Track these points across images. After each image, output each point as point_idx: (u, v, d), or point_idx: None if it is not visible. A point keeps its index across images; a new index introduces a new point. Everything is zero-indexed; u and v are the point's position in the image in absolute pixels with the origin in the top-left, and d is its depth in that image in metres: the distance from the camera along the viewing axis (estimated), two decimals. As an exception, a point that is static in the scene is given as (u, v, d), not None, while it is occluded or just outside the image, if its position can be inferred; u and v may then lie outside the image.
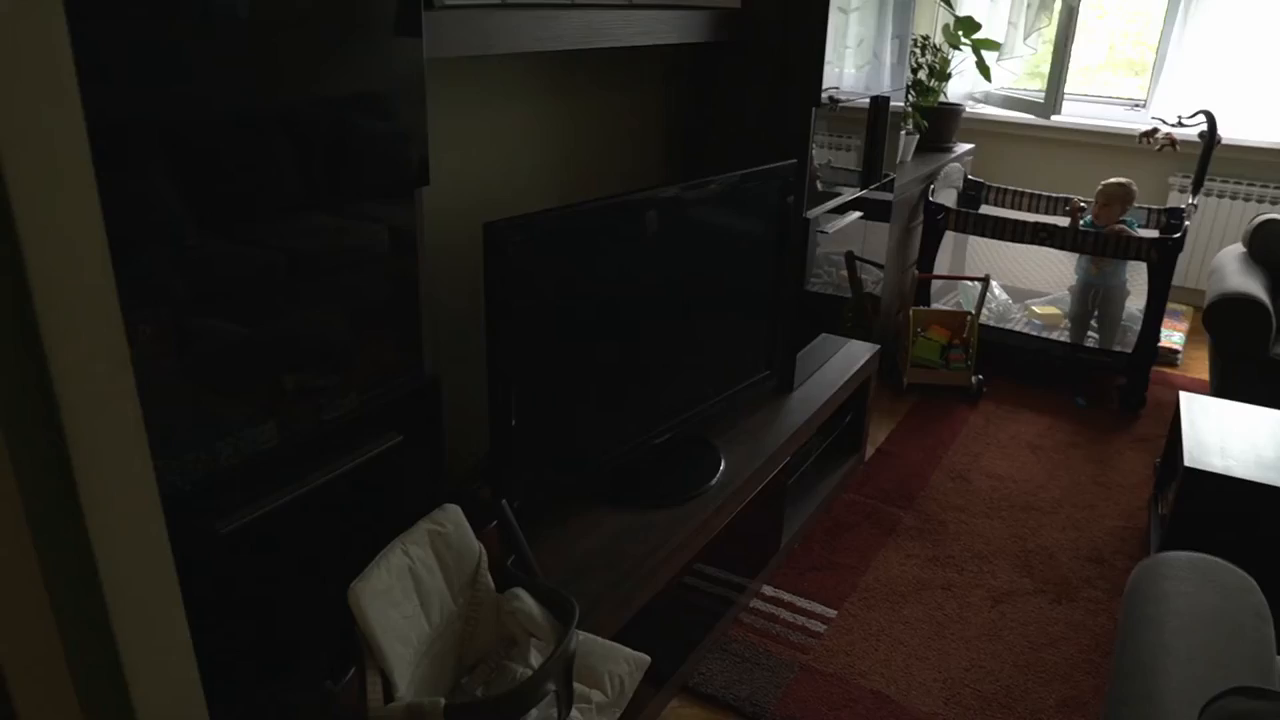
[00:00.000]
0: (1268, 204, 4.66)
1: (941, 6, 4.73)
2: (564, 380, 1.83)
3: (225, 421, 1.21)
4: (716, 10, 2.29)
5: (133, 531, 0.85)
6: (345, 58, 1.23)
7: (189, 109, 1.06)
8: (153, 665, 0.88)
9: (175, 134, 1.05)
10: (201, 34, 1.05)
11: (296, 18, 1.15)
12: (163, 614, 0.89)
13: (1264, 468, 2.40)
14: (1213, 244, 4.78)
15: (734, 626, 2.38)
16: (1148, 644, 1.48)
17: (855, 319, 3.18)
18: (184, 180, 1.07)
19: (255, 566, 1.25)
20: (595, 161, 2.37)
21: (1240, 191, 4.73)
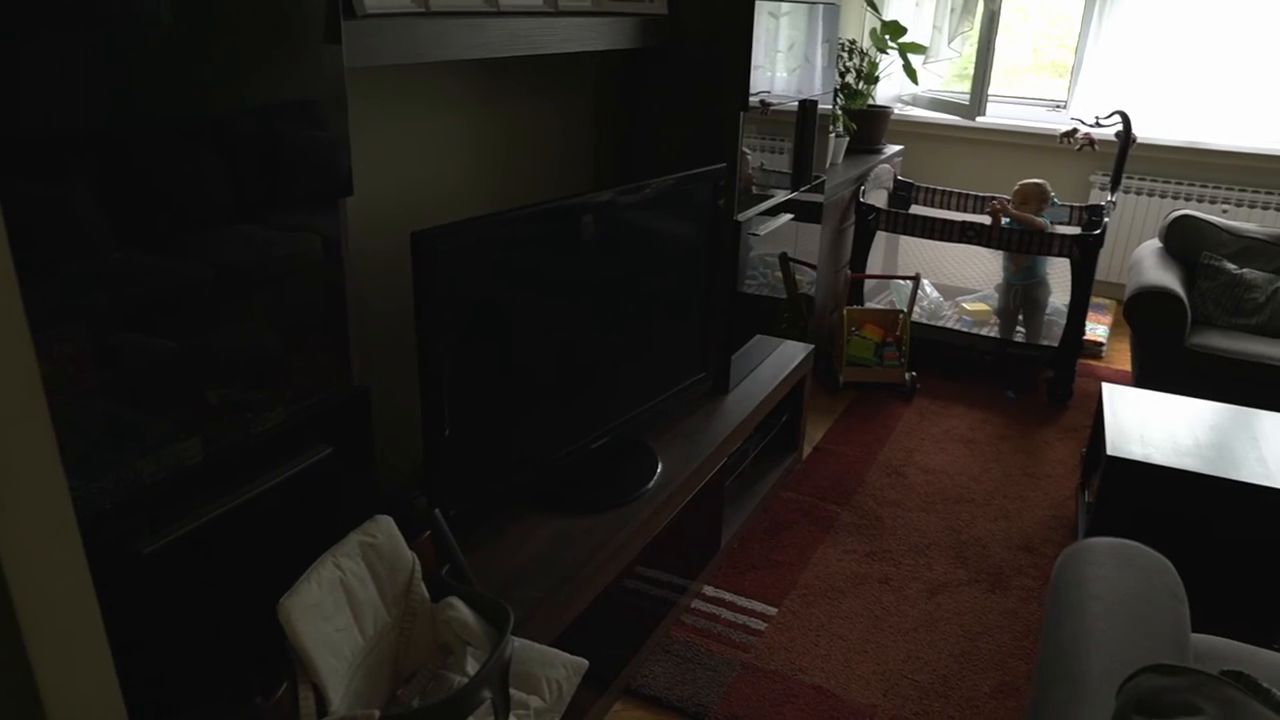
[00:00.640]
0: (1182, 200, 4.82)
1: (868, 11, 4.82)
2: (498, 387, 1.83)
3: (148, 438, 1.19)
4: (643, 17, 2.31)
5: (47, 556, 0.83)
6: (264, 66, 1.22)
7: (104, 117, 1.04)
8: (72, 693, 0.86)
9: (91, 143, 1.03)
10: (117, 41, 1.03)
11: (216, 25, 1.14)
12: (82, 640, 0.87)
13: (1181, 454, 2.49)
14: (1132, 239, 4.93)
15: (675, 627, 2.39)
16: (1071, 628, 1.53)
17: (791, 320, 3.22)
18: (102, 191, 1.06)
19: (181, 585, 1.23)
20: (526, 169, 2.37)
21: (1156, 189, 4.89)
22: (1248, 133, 4.73)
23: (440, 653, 1.37)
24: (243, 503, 1.27)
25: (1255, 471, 2.42)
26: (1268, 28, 4.58)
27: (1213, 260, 3.77)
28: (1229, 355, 3.38)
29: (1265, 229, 3.87)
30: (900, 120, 5.25)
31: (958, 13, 4.77)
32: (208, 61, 1.15)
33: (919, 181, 4.68)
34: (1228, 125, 4.76)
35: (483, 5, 1.86)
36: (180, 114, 1.13)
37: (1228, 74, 4.70)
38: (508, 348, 1.83)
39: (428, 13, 1.71)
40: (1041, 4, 5.28)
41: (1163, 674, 1.14)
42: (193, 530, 1.21)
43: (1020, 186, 3.99)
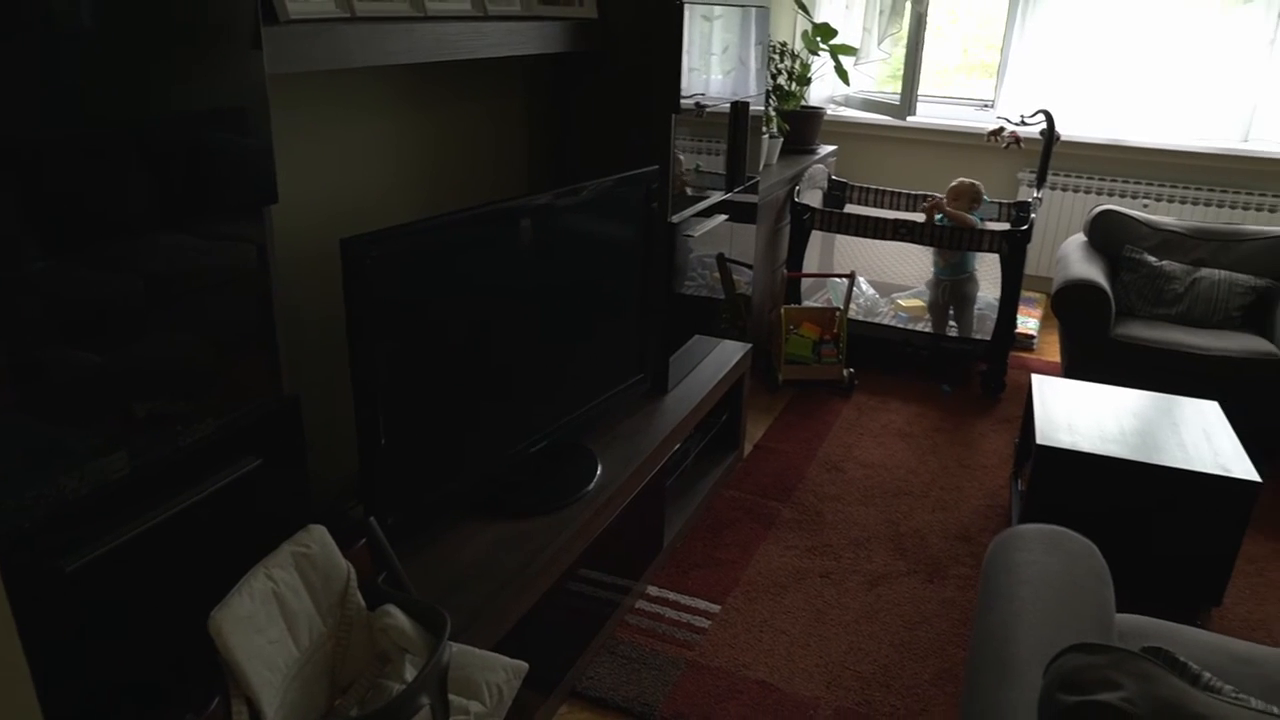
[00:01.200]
0: (1105, 196, 4.97)
1: (799, 14, 4.88)
2: (434, 393, 1.82)
3: (71, 454, 1.16)
4: (572, 21, 2.32)
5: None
6: (185, 73, 1.20)
7: (22, 124, 1.02)
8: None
9: (9, 151, 1.01)
10: (35, 47, 1.01)
11: (135, 31, 1.12)
12: (0, 659, 0.85)
13: (1107, 441, 2.57)
14: (1059, 234, 5.07)
15: (620, 628, 2.40)
16: (1000, 613, 1.57)
17: (730, 320, 3.25)
18: (21, 201, 1.03)
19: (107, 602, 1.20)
20: (457, 174, 2.36)
21: (1081, 185, 5.03)
22: (1166, 130, 4.89)
23: (378, 661, 1.37)
24: (170, 516, 1.25)
25: (1176, 456, 2.50)
26: (1183, 28, 4.73)
27: (1134, 253, 3.89)
28: (1151, 344, 3.49)
29: (1183, 222, 4.00)
30: (833, 121, 5.32)
31: (886, 15, 4.86)
32: (127, 68, 1.13)
33: (853, 181, 4.76)
34: (1147, 123, 4.92)
35: (409, 10, 1.85)
36: (99, 121, 1.11)
37: (1146, 74, 4.86)
38: (443, 353, 1.82)
39: (352, 18, 1.70)
40: (970, 6, 5.40)
41: (1084, 653, 1.18)
42: (119, 546, 1.19)
43: (954, 185, 4.08)
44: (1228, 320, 3.69)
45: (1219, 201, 4.80)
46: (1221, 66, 4.71)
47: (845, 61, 4.58)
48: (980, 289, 4.20)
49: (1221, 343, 3.48)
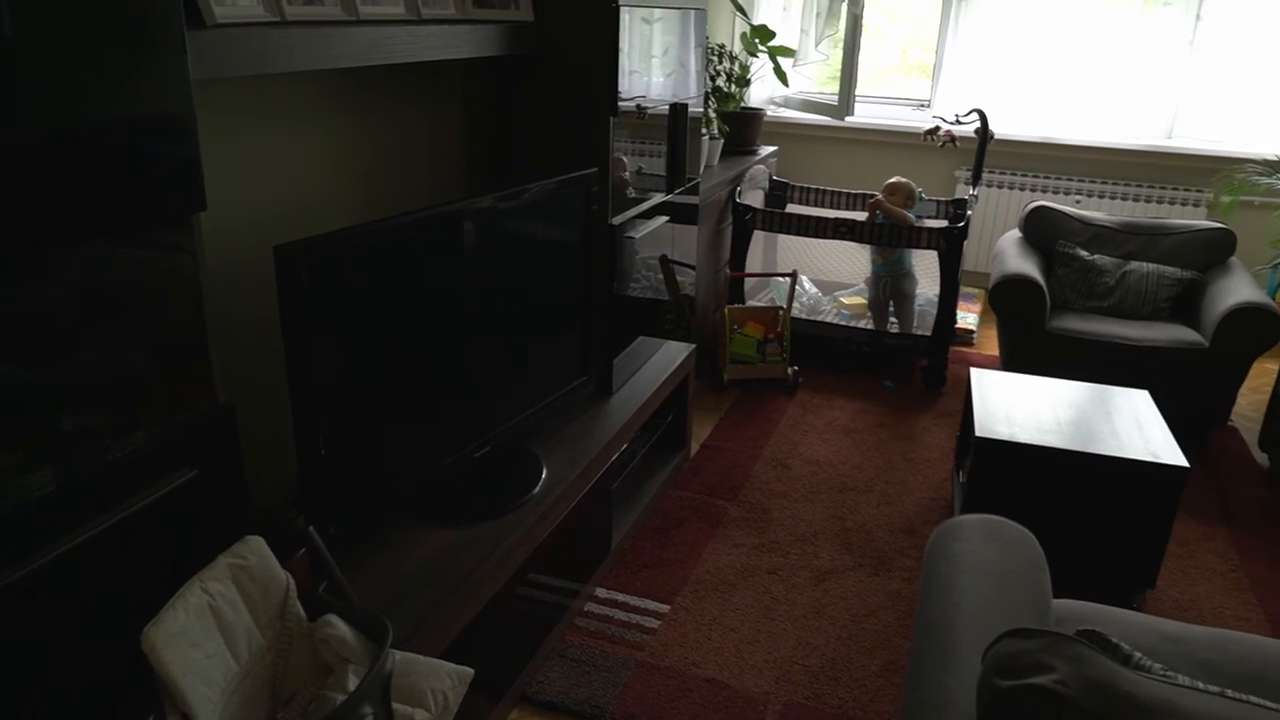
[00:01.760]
0: (1039, 192, 5.08)
1: (737, 16, 4.92)
2: (375, 401, 1.81)
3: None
4: (509, 24, 2.31)
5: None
6: (108, 78, 1.18)
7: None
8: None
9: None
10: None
11: (56, 35, 1.10)
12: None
13: (1043, 431, 2.62)
14: (996, 230, 5.17)
15: (570, 631, 2.40)
16: (940, 602, 1.60)
17: (675, 320, 3.27)
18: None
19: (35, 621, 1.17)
20: (395, 179, 2.34)
21: (1016, 182, 5.14)
22: (1095, 128, 5.02)
23: (321, 673, 1.35)
24: (101, 532, 1.22)
25: (1109, 444, 2.57)
26: (1108, 29, 4.86)
27: (1067, 248, 3.99)
28: (1085, 336, 3.58)
29: (1113, 217, 4.11)
30: (774, 121, 5.37)
31: (823, 16, 4.92)
32: (46, 74, 1.10)
33: (794, 181, 4.81)
34: (1077, 121, 5.04)
35: (341, 14, 1.84)
36: (16, 129, 1.08)
37: (1075, 74, 4.98)
38: (382, 360, 1.80)
39: (283, 22, 1.68)
40: (907, 8, 5.48)
41: (1019, 638, 1.21)
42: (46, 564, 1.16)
43: (889, 183, 4.15)
44: (1156, 311, 3.79)
45: (1146, 197, 4.94)
46: (1145, 66, 4.85)
47: (784, 63, 4.62)
48: (919, 284, 4.26)
49: (1151, 333, 3.58)
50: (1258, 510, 3.16)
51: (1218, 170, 4.71)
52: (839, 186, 4.65)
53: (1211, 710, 1.09)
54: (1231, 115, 4.82)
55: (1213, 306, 3.57)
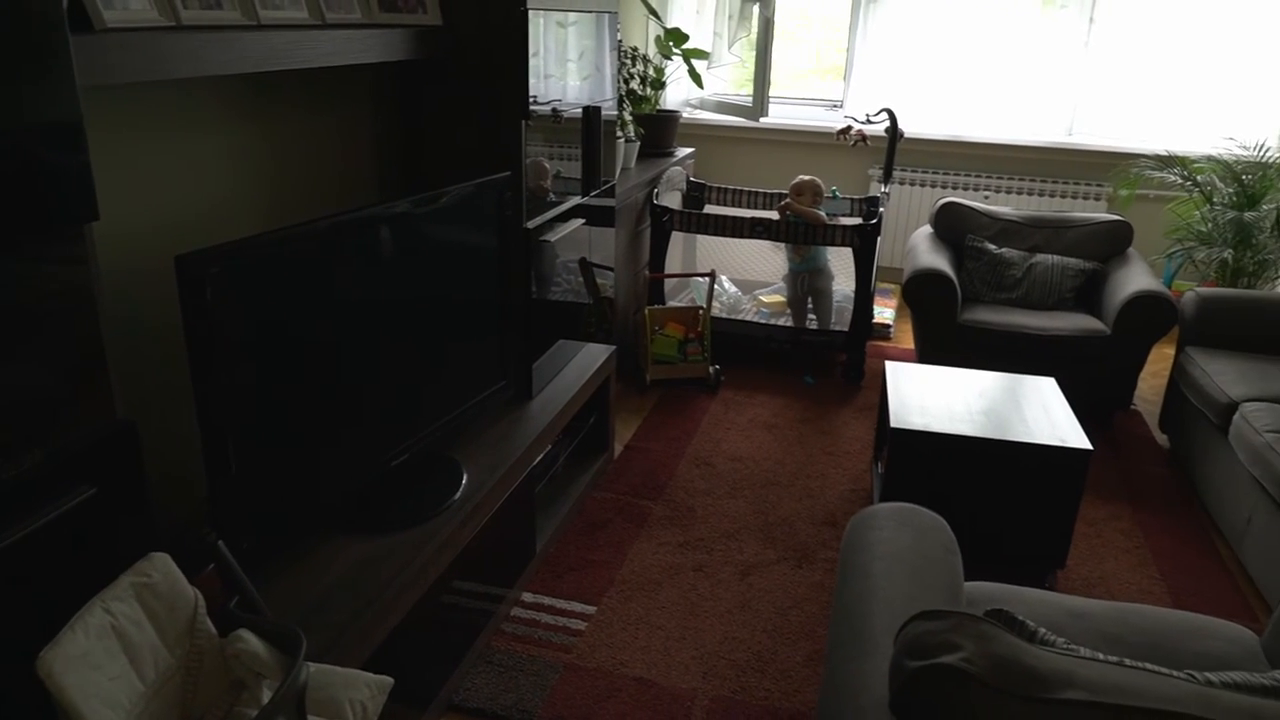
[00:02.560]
0: (949, 189, 5.22)
1: (651, 19, 4.95)
2: (287, 412, 1.77)
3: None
4: (416, 29, 2.29)
5: None
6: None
7: None
8: None
9: None
10: None
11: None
12: None
13: (956, 420, 2.70)
14: (909, 226, 5.29)
15: (496, 637, 2.39)
16: (856, 589, 1.63)
17: (598, 323, 3.27)
18: None
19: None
20: (304, 187, 2.30)
21: (927, 179, 5.27)
22: (1000, 126, 5.18)
23: (235, 690, 1.32)
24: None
25: (1018, 430, 2.65)
26: (1008, 30, 5.02)
27: (976, 242, 4.10)
28: (995, 327, 3.68)
29: (1019, 212, 4.25)
30: (690, 123, 5.42)
31: (735, 19, 4.98)
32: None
33: (711, 182, 4.86)
34: (983, 120, 5.19)
35: (240, 19, 1.80)
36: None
37: (979, 73, 5.13)
38: (295, 370, 1.77)
39: (178, 27, 1.64)
40: (821, 11, 5.58)
41: (928, 619, 1.24)
42: (-65, 590, 1.11)
43: (796, 183, 4.20)
44: (1062, 301, 3.93)
45: (1049, 191, 5.11)
46: (1045, 66, 5.02)
47: (698, 65, 4.67)
48: (835, 280, 4.34)
49: (1057, 323, 3.70)
50: (1159, 488, 3.29)
51: (1114, 165, 4.90)
52: (756, 186, 4.71)
53: (1108, 678, 1.13)
54: (1125, 113, 5.02)
55: (1113, 295, 3.71)
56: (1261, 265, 4.33)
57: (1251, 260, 4.32)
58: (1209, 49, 4.81)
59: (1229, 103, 4.83)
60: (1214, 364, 3.22)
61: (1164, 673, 1.20)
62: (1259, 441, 2.71)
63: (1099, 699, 1.09)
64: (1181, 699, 1.09)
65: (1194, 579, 2.76)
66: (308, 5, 2.00)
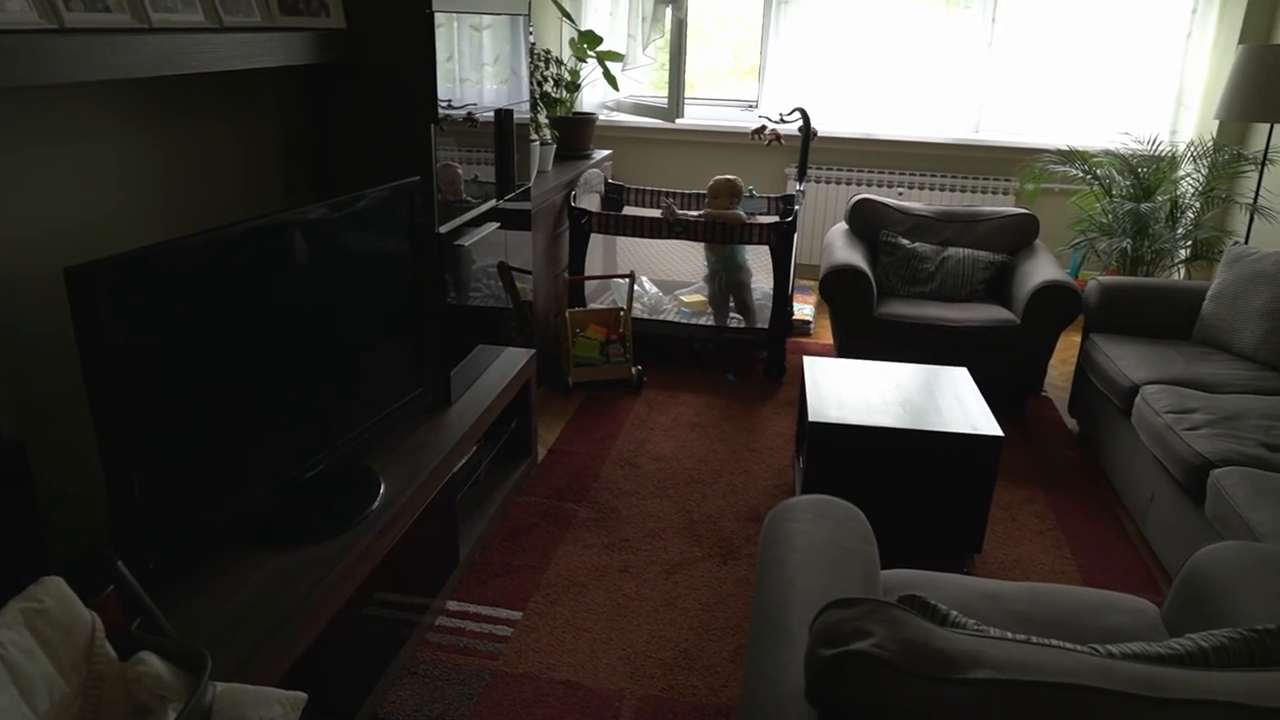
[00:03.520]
0: (863, 186, 5.32)
1: (564, 22, 4.95)
2: (193, 427, 1.72)
3: None
4: (318, 32, 2.25)
5: None
6: None
7: None
8: None
9: None
10: None
11: None
12: None
13: (872, 412, 2.75)
14: (826, 223, 5.37)
15: (421, 647, 2.35)
16: (774, 582, 1.65)
17: (519, 327, 3.25)
18: None
19: None
20: (205, 193, 2.24)
21: (843, 177, 5.36)
22: (911, 124, 5.29)
23: (138, 714, 1.28)
24: None
25: (932, 420, 2.71)
26: (915, 30, 5.13)
27: (890, 237, 4.19)
28: (909, 320, 3.76)
29: (930, 207, 4.34)
30: (607, 125, 5.43)
31: (649, 21, 5.00)
32: None
33: (630, 183, 4.87)
34: (894, 118, 5.30)
35: (130, 21, 1.75)
36: None
37: (889, 73, 5.23)
38: (199, 384, 1.72)
39: (62, 29, 1.59)
40: (737, 13, 5.63)
41: (840, 607, 1.26)
42: None
43: (713, 184, 4.22)
44: (973, 293, 4.03)
45: (959, 187, 5.24)
46: (951, 65, 5.15)
47: (613, 67, 4.68)
48: (753, 277, 4.37)
49: (969, 314, 3.80)
50: (1070, 471, 3.39)
51: (1020, 160, 5.05)
52: (674, 187, 4.74)
53: (1014, 656, 1.16)
54: (1028, 110, 5.18)
55: (1022, 286, 3.82)
56: (1158, 254, 4.51)
57: (1149, 249, 4.49)
58: (1104, 48, 4.99)
59: (1124, 99, 5.02)
60: (1116, 349, 3.34)
61: (1068, 648, 1.24)
62: (1159, 422, 2.81)
63: (1004, 676, 1.12)
64: (1082, 672, 1.12)
65: (1103, 556, 2.86)
66: (203, 8, 1.95)
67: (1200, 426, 2.71)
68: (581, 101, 5.19)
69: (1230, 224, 4.82)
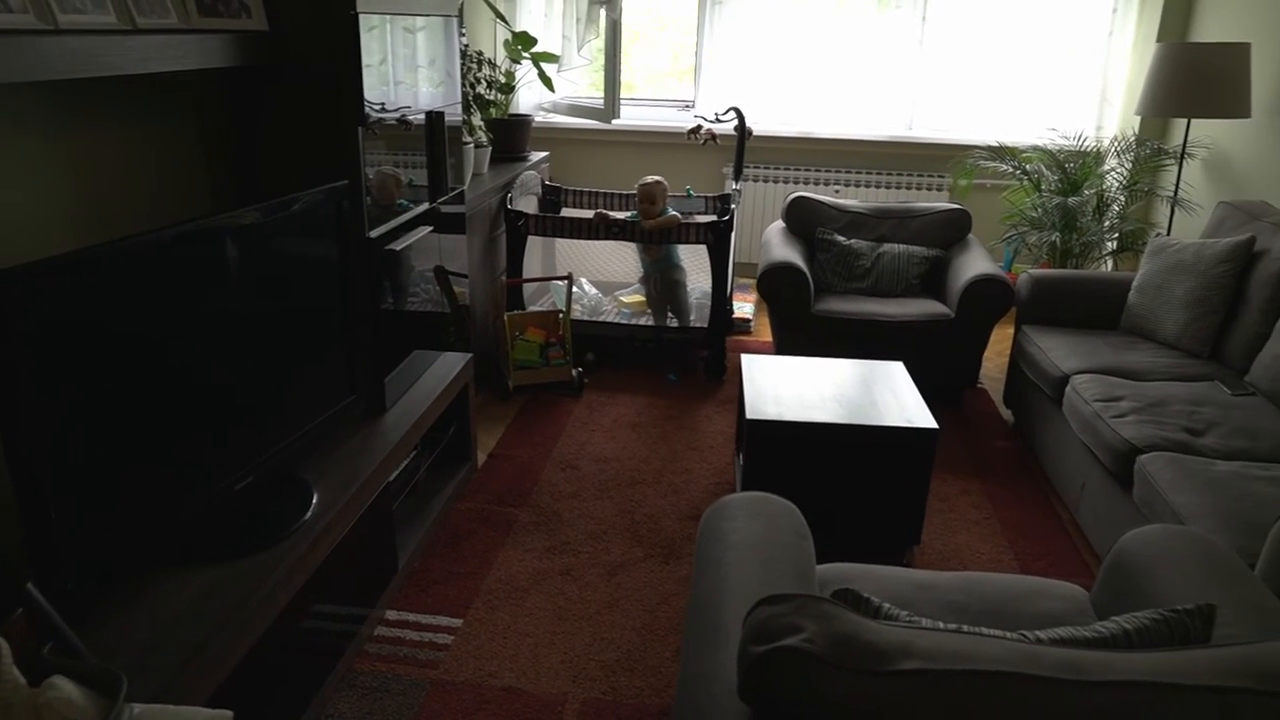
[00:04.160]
0: (800, 184, 5.37)
1: (498, 23, 4.91)
2: (111, 441, 1.67)
3: None
4: (239, 34, 2.20)
5: None
6: None
7: None
8: None
9: None
10: None
11: None
12: None
13: (808, 408, 2.77)
14: (764, 221, 5.41)
15: (360, 659, 2.31)
16: (709, 580, 1.65)
17: (457, 331, 3.22)
18: None
19: None
20: (123, 200, 2.17)
21: (779, 175, 5.40)
22: (846, 122, 5.35)
23: (53, 740, 1.23)
24: None
25: (868, 414, 2.74)
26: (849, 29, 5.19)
27: (826, 234, 4.23)
28: (847, 316, 3.80)
29: (866, 204, 4.40)
30: (544, 127, 5.40)
31: (583, 22, 4.99)
32: None
33: (568, 185, 4.85)
34: (829, 116, 5.35)
35: (35, 23, 1.68)
36: None
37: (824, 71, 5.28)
38: (117, 396, 1.67)
39: (-43, 32, 1.53)
40: (675, 14, 5.64)
41: (771, 604, 1.26)
42: None
43: (640, 188, 4.17)
44: (909, 288, 4.08)
45: (894, 183, 5.32)
46: (884, 64, 5.21)
47: (548, 69, 4.66)
48: (690, 276, 4.37)
49: (905, 309, 3.85)
50: (1005, 461, 3.46)
51: (952, 157, 5.13)
52: (612, 188, 4.73)
53: (943, 646, 1.17)
54: (960, 107, 5.26)
55: (955, 280, 3.88)
56: (1086, 247, 4.61)
57: (1077, 242, 4.59)
58: (1031, 46, 5.10)
59: (1051, 96, 5.13)
60: (1047, 340, 3.41)
61: (998, 635, 1.26)
62: (1088, 411, 2.87)
63: (933, 666, 1.13)
64: (1008, 658, 1.14)
65: (1038, 544, 2.91)
66: (115, 9, 1.89)
67: (1127, 414, 2.77)
68: (518, 103, 5.16)
69: (1153, 216, 4.95)
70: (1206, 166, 4.45)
